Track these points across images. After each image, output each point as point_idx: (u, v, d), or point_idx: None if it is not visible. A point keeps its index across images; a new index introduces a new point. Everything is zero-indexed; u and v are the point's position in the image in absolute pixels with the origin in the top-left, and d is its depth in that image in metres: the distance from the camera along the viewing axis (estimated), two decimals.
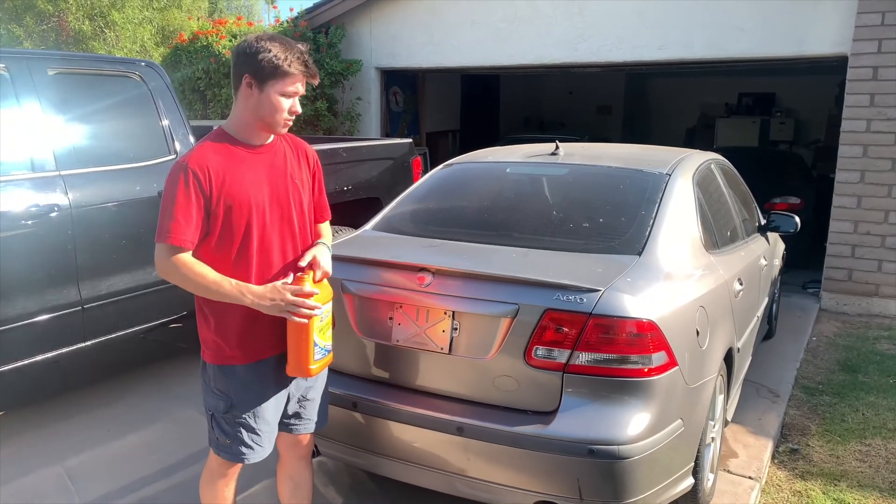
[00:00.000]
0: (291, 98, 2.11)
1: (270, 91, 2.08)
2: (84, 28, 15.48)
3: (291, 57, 2.07)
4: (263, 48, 2.07)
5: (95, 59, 4.04)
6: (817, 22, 6.20)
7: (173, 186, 2.04)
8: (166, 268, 2.06)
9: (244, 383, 2.18)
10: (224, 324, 2.16)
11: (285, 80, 2.08)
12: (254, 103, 2.11)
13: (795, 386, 4.56)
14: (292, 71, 2.07)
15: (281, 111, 2.10)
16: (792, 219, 4.47)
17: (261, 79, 2.07)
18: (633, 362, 2.37)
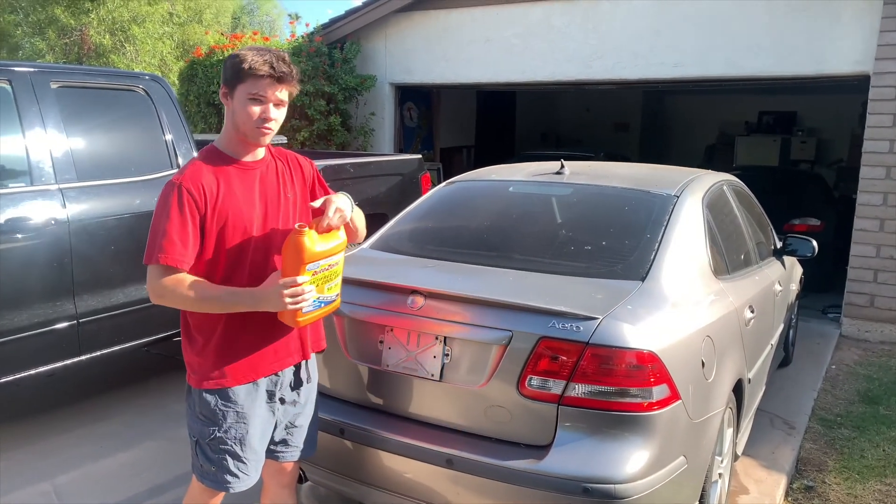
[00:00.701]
0: (262, 103, 2.01)
1: (239, 96, 2.01)
2: (105, 42, 15.70)
3: (258, 59, 1.99)
4: (234, 55, 2.03)
5: (99, 72, 4.02)
6: (838, 40, 6.06)
7: (166, 205, 1.97)
8: (159, 291, 1.98)
9: (230, 408, 2.10)
10: (211, 345, 2.08)
11: (249, 83, 1.99)
12: (230, 114, 2.06)
13: (812, 417, 4.37)
14: (255, 72, 1.97)
15: (250, 116, 2.00)
16: (809, 242, 4.31)
17: (230, 86, 2.02)
18: (632, 395, 2.25)
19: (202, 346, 2.08)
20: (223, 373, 2.08)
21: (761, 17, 6.33)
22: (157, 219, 1.98)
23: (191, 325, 2.10)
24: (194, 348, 2.11)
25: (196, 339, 2.10)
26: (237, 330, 2.07)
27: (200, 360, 2.09)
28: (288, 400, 2.25)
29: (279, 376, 2.19)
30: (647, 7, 6.83)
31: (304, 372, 2.27)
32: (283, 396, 2.23)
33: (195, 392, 2.13)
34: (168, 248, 1.94)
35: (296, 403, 2.27)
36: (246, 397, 2.12)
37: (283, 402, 2.23)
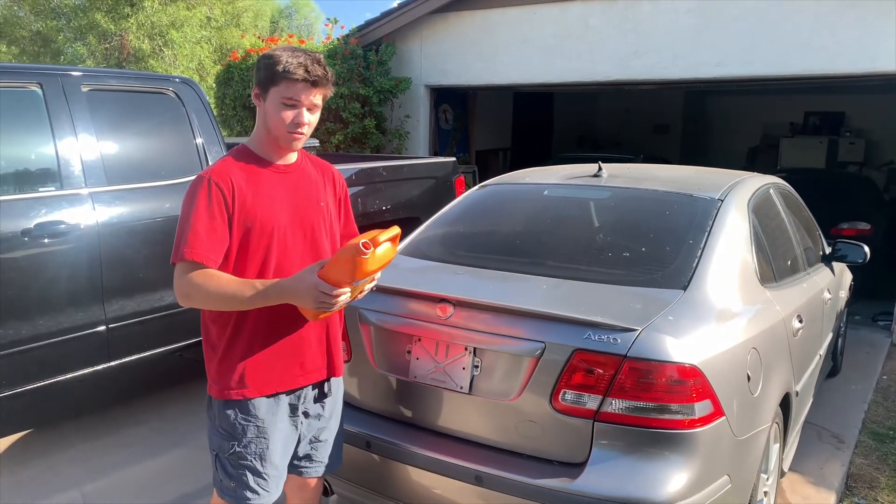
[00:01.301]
0: (295, 108, 1.95)
1: (271, 99, 1.95)
2: (144, 47, 15.98)
3: (292, 61, 1.92)
4: (267, 56, 1.97)
5: (129, 75, 4.02)
6: (890, 37, 5.78)
7: (193, 199, 1.92)
8: (185, 289, 1.90)
9: (251, 422, 2.03)
10: (233, 352, 2.01)
11: (283, 86, 1.93)
12: (262, 116, 2.00)
13: (863, 431, 4.16)
14: (290, 75, 1.91)
15: (283, 121, 1.95)
16: (860, 248, 4.10)
17: (263, 87, 1.97)
18: (673, 412, 2.12)
19: (224, 355, 2.02)
20: (244, 383, 2.01)
21: (808, 14, 6.10)
22: (184, 214, 1.92)
23: (212, 333, 2.04)
24: (216, 357, 2.04)
25: (218, 347, 2.03)
26: (262, 338, 2.00)
27: (221, 370, 2.02)
28: (312, 414, 2.17)
29: (302, 390, 2.12)
30: (689, 6, 6.64)
31: (328, 385, 2.19)
32: (307, 410, 2.15)
33: (216, 404, 2.06)
34: (194, 243, 1.87)
35: (320, 417, 2.20)
36: (267, 411, 2.05)
37: (306, 415, 2.16)
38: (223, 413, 2.04)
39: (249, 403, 2.02)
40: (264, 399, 2.04)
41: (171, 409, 4.21)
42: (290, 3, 28.14)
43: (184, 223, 1.91)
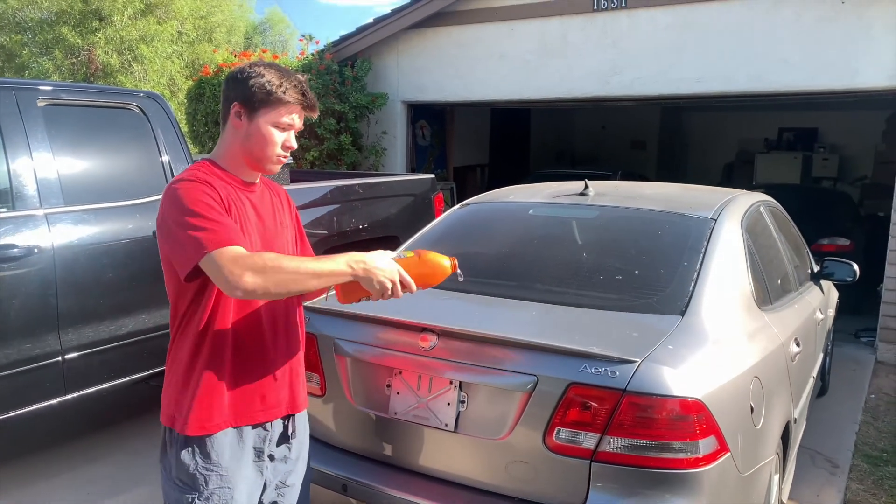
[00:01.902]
0: (286, 131, 1.83)
1: (261, 121, 1.80)
2: (112, 61, 15.65)
3: (287, 84, 1.79)
4: (256, 73, 1.80)
5: (90, 89, 3.80)
6: (871, 53, 5.78)
7: (190, 195, 1.69)
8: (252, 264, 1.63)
9: (213, 471, 1.81)
10: (193, 380, 1.80)
11: (279, 110, 1.79)
12: (243, 136, 1.82)
13: (856, 454, 4.05)
14: (287, 99, 1.79)
15: (273, 145, 1.81)
16: (849, 266, 4.01)
17: (251, 107, 1.79)
18: (676, 450, 1.96)
19: (183, 383, 1.81)
20: (209, 415, 1.80)
21: (789, 30, 6.08)
22: (183, 213, 1.67)
23: (180, 359, 1.83)
24: (177, 385, 1.83)
25: (176, 373, 1.82)
26: (223, 365, 1.81)
27: (181, 400, 1.82)
28: (277, 457, 1.97)
29: (267, 430, 1.91)
30: (668, 21, 6.59)
31: (292, 424, 1.99)
32: (273, 453, 1.95)
33: (171, 453, 1.85)
34: (219, 230, 1.66)
35: (286, 460, 1.99)
36: (231, 457, 1.84)
37: (272, 459, 1.95)
38: (180, 462, 1.82)
39: (211, 447, 1.81)
40: (227, 442, 1.83)
41: (136, 443, 3.95)
42: (265, 19, 28.02)
43: (184, 223, 1.67)
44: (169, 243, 1.71)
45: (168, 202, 1.73)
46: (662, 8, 6.61)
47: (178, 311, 1.81)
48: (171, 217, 1.71)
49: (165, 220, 1.72)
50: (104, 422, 4.22)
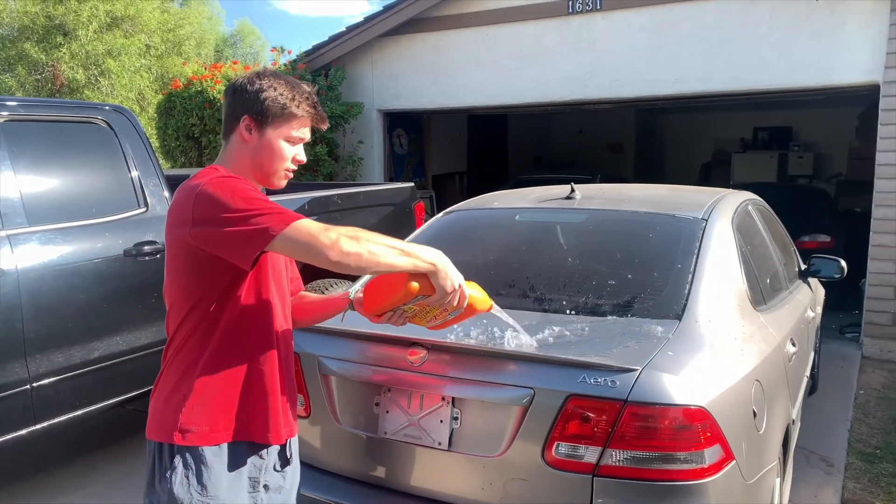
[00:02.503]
0: (296, 144, 1.78)
1: (273, 135, 1.74)
2: (78, 77, 15.34)
3: (300, 97, 1.74)
4: (267, 86, 1.73)
5: (54, 104, 3.65)
6: (845, 50, 5.80)
7: (228, 186, 1.61)
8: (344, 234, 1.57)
9: (213, 495, 1.68)
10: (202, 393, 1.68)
11: (291, 124, 1.74)
12: (252, 149, 1.75)
13: (850, 452, 4.01)
14: (300, 113, 1.74)
15: (283, 159, 1.76)
16: (836, 262, 3.97)
17: (262, 121, 1.73)
18: (681, 461, 1.87)
19: (186, 393, 1.69)
20: (216, 425, 1.68)
21: (763, 29, 6.09)
22: (224, 207, 1.57)
23: (185, 368, 1.71)
24: (180, 395, 1.70)
25: (205, 372, 1.70)
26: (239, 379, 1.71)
27: (184, 409, 1.69)
28: (272, 486, 1.84)
29: (263, 458, 1.79)
30: (644, 22, 6.58)
31: (288, 450, 1.88)
32: (267, 482, 1.83)
33: (161, 485, 1.70)
34: (280, 209, 1.59)
35: (280, 489, 1.87)
36: (228, 489, 1.71)
37: (266, 489, 1.83)
38: (173, 497, 1.68)
39: (208, 474, 1.68)
40: (223, 472, 1.70)
41: (114, 470, 3.79)
42: (235, 31, 27.79)
43: (245, 204, 1.57)
44: (216, 238, 1.58)
45: (200, 200, 1.61)
46: (637, 10, 6.59)
47: (188, 318, 1.70)
48: (210, 212, 1.58)
49: (203, 217, 1.59)
50: (78, 451, 4.04)
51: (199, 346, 1.70)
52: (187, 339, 1.71)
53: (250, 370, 1.73)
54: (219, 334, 1.69)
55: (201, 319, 1.69)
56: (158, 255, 3.57)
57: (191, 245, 1.63)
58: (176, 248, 1.69)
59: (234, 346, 1.71)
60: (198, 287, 1.68)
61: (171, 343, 1.75)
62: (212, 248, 1.61)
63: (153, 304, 3.58)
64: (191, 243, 1.62)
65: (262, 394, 1.74)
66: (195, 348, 1.70)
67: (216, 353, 1.70)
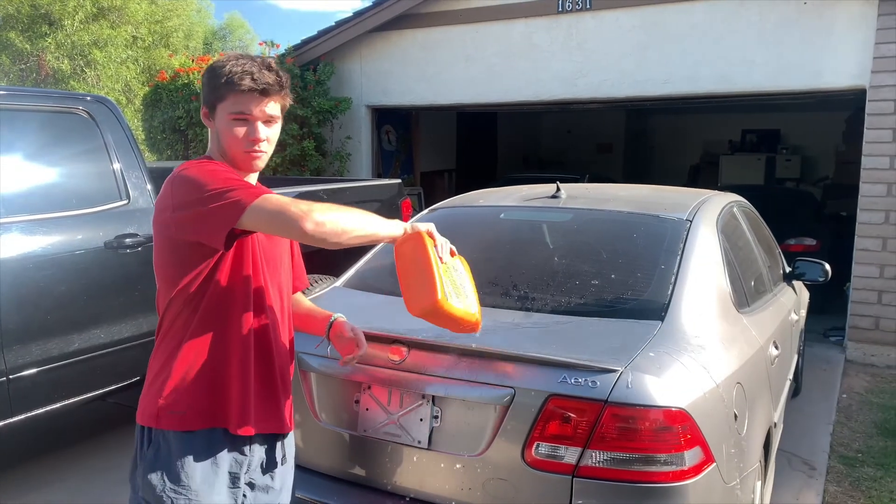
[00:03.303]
0: (247, 122, 1.68)
1: (220, 117, 1.69)
2: (63, 67, 15.16)
3: (236, 70, 1.64)
4: (211, 69, 1.69)
5: (32, 93, 3.58)
6: (833, 54, 5.82)
7: (204, 169, 1.63)
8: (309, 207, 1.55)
9: (181, 494, 1.65)
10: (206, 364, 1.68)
11: (230, 100, 1.66)
12: (216, 135, 1.73)
13: (832, 455, 4.02)
14: (235, 87, 1.64)
15: (235, 139, 1.68)
16: (820, 266, 3.98)
17: (210, 105, 1.70)
18: (661, 463, 1.87)
19: (166, 377, 1.67)
20: (188, 410, 1.66)
21: (752, 31, 6.10)
22: (200, 188, 1.58)
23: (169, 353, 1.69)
24: (158, 381, 1.68)
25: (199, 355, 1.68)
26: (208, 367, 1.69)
27: (154, 394, 1.68)
28: (259, 485, 1.80)
29: (245, 455, 1.76)
30: (634, 23, 6.57)
31: (280, 450, 1.84)
32: (253, 480, 1.79)
33: (139, 470, 1.69)
34: (251, 187, 1.61)
35: (268, 490, 1.83)
36: (202, 481, 1.68)
37: (252, 487, 1.79)
38: (147, 482, 1.67)
39: (182, 469, 1.65)
40: (199, 465, 1.67)
41: (92, 465, 3.74)
42: (224, 24, 27.59)
43: (217, 184, 1.58)
44: (190, 219, 1.58)
45: (178, 185, 1.62)
46: (627, 9, 6.58)
47: (173, 304, 1.68)
48: (186, 195, 1.59)
49: (181, 202, 1.60)
50: (56, 444, 3.99)
51: (181, 331, 1.69)
52: (171, 325, 1.70)
53: (225, 357, 1.70)
54: (197, 320, 1.68)
55: (184, 305, 1.68)
56: (140, 248, 3.53)
57: (172, 231, 1.63)
58: (160, 235, 1.69)
59: (211, 332, 1.69)
60: (180, 274, 1.67)
61: (160, 328, 1.74)
62: (190, 233, 1.60)
63: (134, 297, 3.54)
64: (173, 230, 1.62)
65: (237, 381, 1.71)
66: (178, 333, 1.69)
67: (194, 337, 1.68)
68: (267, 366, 1.77)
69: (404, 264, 1.75)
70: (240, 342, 1.72)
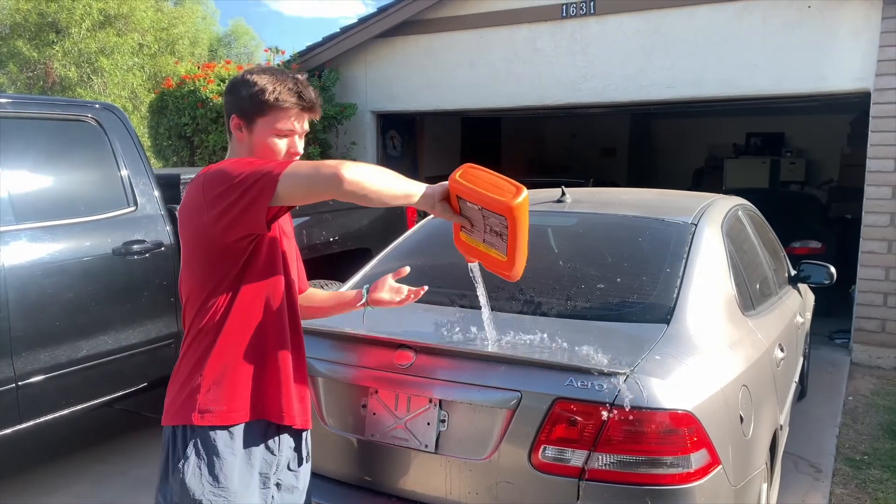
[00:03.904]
0: (287, 137, 1.76)
1: (261, 131, 1.75)
2: (70, 75, 15.27)
3: (280, 88, 1.72)
4: (249, 82, 1.73)
5: (42, 101, 3.61)
6: (837, 56, 5.82)
7: (230, 161, 1.68)
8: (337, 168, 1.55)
9: (221, 497, 1.67)
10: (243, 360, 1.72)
11: (275, 116, 1.73)
12: (247, 147, 1.77)
13: (838, 458, 4.02)
14: (281, 104, 1.72)
15: (276, 154, 1.75)
16: (825, 269, 3.99)
17: (248, 118, 1.74)
18: (667, 465, 1.87)
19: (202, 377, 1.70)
20: (230, 405, 1.69)
21: (756, 35, 6.10)
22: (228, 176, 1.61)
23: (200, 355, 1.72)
24: (192, 382, 1.71)
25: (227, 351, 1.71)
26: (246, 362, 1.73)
27: (189, 394, 1.70)
28: (285, 485, 1.83)
29: (275, 455, 1.78)
30: (637, 27, 6.59)
31: (305, 448, 1.88)
32: (280, 480, 1.82)
33: (175, 479, 1.70)
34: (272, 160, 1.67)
35: (293, 490, 1.86)
36: (240, 482, 1.70)
37: (279, 487, 1.82)
38: (185, 488, 1.67)
39: (220, 465, 1.67)
40: (237, 465, 1.69)
41: (97, 470, 3.76)
42: (229, 31, 27.74)
43: (246, 168, 1.61)
44: (229, 208, 1.60)
45: (208, 183, 1.64)
46: (631, 14, 6.60)
47: (203, 308, 1.72)
48: (218, 187, 1.61)
49: (214, 197, 1.62)
50: (64, 450, 4.01)
51: (213, 333, 1.71)
52: (202, 329, 1.73)
53: (262, 350, 1.74)
54: (231, 319, 1.71)
55: (215, 308, 1.71)
56: (148, 255, 3.55)
57: (207, 234, 1.65)
58: (192, 239, 1.72)
59: (246, 329, 1.72)
60: (212, 277, 1.70)
61: (188, 334, 1.76)
62: (231, 224, 1.62)
63: (142, 304, 3.56)
64: (213, 229, 1.63)
65: (275, 372, 1.75)
66: (209, 335, 1.72)
67: (228, 337, 1.71)
68: (298, 360, 1.82)
69: None
70: (274, 336, 1.76)
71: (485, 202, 1.65)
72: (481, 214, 1.69)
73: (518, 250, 1.71)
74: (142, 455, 3.91)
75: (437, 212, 1.73)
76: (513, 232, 1.67)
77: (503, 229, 1.69)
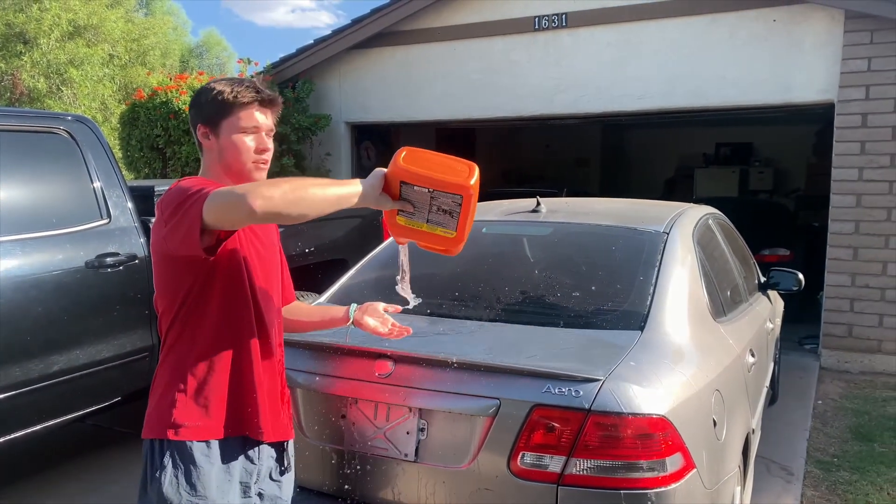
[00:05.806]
0: (253, 134, 1.77)
1: (227, 132, 1.76)
2: (39, 86, 15.04)
3: (238, 87, 1.75)
4: (208, 89, 1.77)
5: (12, 113, 3.57)
6: (802, 69, 5.98)
7: (186, 182, 1.66)
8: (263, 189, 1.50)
9: (203, 494, 1.67)
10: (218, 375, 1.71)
11: (238, 115, 1.75)
12: (217, 153, 1.78)
13: (809, 460, 4.10)
14: (241, 100, 1.74)
15: (246, 151, 1.76)
16: (794, 276, 4.08)
17: (213, 123, 1.76)
18: (643, 469, 1.91)
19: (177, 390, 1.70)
20: (205, 421, 1.69)
21: (723, 47, 6.25)
22: (177, 196, 1.61)
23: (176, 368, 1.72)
24: (169, 395, 1.70)
25: (201, 366, 1.71)
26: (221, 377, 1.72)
27: (166, 407, 1.70)
28: (267, 494, 1.83)
29: (255, 464, 1.78)
30: (609, 39, 6.70)
31: (286, 457, 1.88)
32: (262, 490, 1.81)
33: (153, 489, 1.70)
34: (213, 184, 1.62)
35: (276, 500, 1.86)
36: (217, 490, 1.70)
37: (261, 497, 1.82)
38: (163, 497, 1.67)
39: (198, 474, 1.67)
40: (214, 474, 1.69)
41: (70, 488, 3.70)
42: (201, 41, 27.55)
43: (189, 191, 1.59)
44: (173, 229, 1.60)
45: (164, 202, 1.65)
46: (602, 27, 6.71)
47: (176, 320, 1.72)
48: (168, 207, 1.62)
49: (167, 216, 1.63)
50: (34, 468, 3.94)
51: (188, 345, 1.72)
52: (176, 340, 1.74)
53: (236, 364, 1.74)
54: (203, 332, 1.71)
55: (187, 319, 1.72)
56: (121, 267, 3.52)
57: (164, 246, 1.66)
58: (156, 254, 1.74)
59: (219, 343, 1.73)
60: (179, 288, 1.70)
61: (164, 345, 1.77)
62: (173, 244, 1.63)
63: (115, 317, 3.52)
64: (164, 245, 1.66)
65: (250, 388, 1.75)
66: (184, 347, 1.72)
67: (203, 349, 1.72)
68: (270, 373, 1.82)
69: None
70: (246, 351, 1.75)
71: (438, 184, 1.66)
72: (429, 196, 1.69)
73: (468, 226, 1.73)
74: (117, 471, 3.85)
75: (379, 205, 1.69)
76: (465, 209, 1.69)
77: (455, 207, 1.70)
